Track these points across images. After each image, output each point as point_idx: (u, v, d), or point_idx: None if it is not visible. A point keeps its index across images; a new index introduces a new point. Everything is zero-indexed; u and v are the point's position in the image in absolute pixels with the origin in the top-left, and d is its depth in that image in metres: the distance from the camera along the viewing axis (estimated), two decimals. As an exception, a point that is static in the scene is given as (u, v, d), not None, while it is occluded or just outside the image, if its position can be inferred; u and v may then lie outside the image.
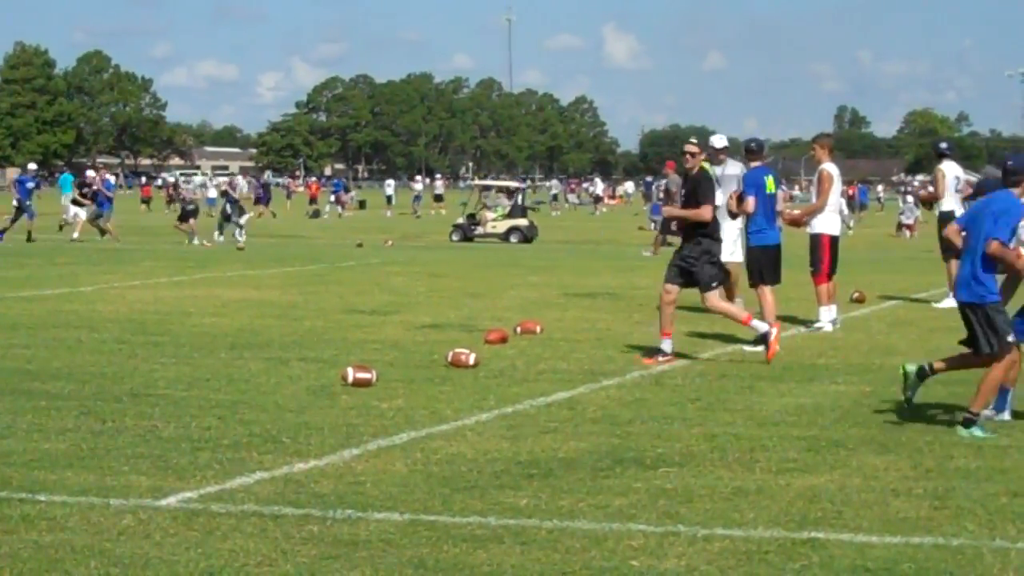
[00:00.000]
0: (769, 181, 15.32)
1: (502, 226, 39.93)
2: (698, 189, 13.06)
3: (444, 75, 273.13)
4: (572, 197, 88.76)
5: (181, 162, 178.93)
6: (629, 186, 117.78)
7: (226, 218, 36.88)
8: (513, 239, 38.91)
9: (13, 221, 35.87)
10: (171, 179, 75.61)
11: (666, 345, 13.02)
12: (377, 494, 7.54)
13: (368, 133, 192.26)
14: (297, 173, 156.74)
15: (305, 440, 9.01)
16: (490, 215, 40.76)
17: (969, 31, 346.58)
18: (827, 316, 16.12)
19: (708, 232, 13.08)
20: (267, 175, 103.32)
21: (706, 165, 13.36)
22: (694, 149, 13.37)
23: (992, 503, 7.46)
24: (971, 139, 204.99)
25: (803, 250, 16.82)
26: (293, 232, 43.72)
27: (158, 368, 12.14)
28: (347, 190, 73.74)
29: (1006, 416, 10.01)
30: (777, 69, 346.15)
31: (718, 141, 16.75)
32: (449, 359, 12.47)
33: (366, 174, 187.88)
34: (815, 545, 6.58)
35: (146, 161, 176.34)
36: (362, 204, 76.20)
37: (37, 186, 37.03)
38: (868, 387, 11.57)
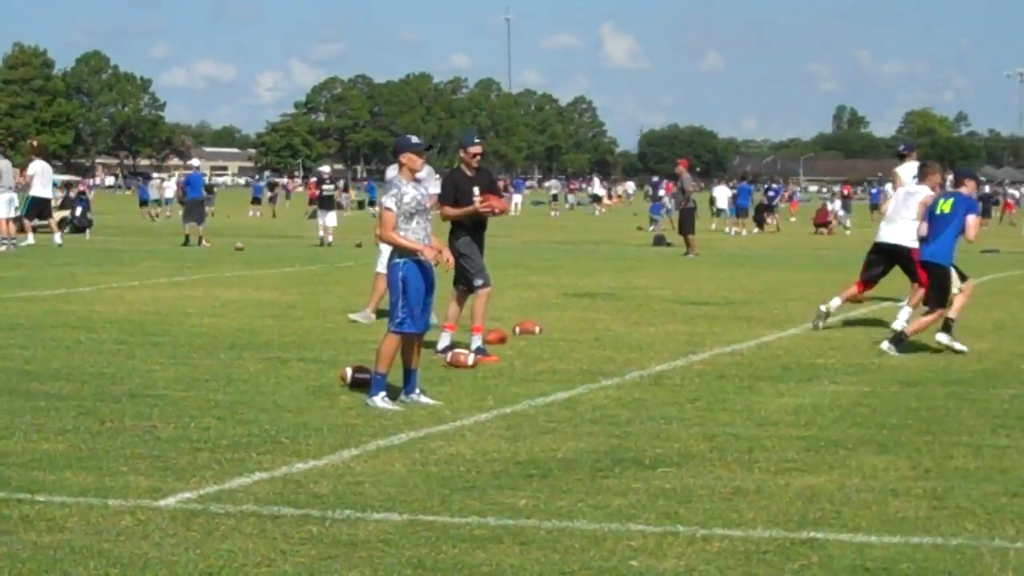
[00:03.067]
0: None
1: (56, 216, 41.03)
2: None
3: (443, 75, 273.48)
4: (571, 197, 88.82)
5: (180, 162, 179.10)
6: (630, 186, 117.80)
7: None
8: (65, 229, 40.50)
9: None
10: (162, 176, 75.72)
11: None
12: (376, 494, 7.54)
13: (367, 133, 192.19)
14: (296, 173, 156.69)
15: (304, 440, 9.01)
16: None
17: (967, 31, 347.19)
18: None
19: None
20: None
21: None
22: None
23: (991, 503, 7.46)
24: (970, 139, 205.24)
25: (792, 252, 16.79)
26: (292, 232, 43.70)
27: (157, 368, 12.13)
28: (347, 189, 73.71)
29: None
30: (776, 69, 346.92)
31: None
32: (448, 359, 12.47)
33: (365, 174, 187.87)
34: (814, 545, 6.58)
35: (145, 161, 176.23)
36: (361, 204, 76.17)
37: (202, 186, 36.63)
38: (867, 387, 11.58)
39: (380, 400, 10.26)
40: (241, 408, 10.17)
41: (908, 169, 19.80)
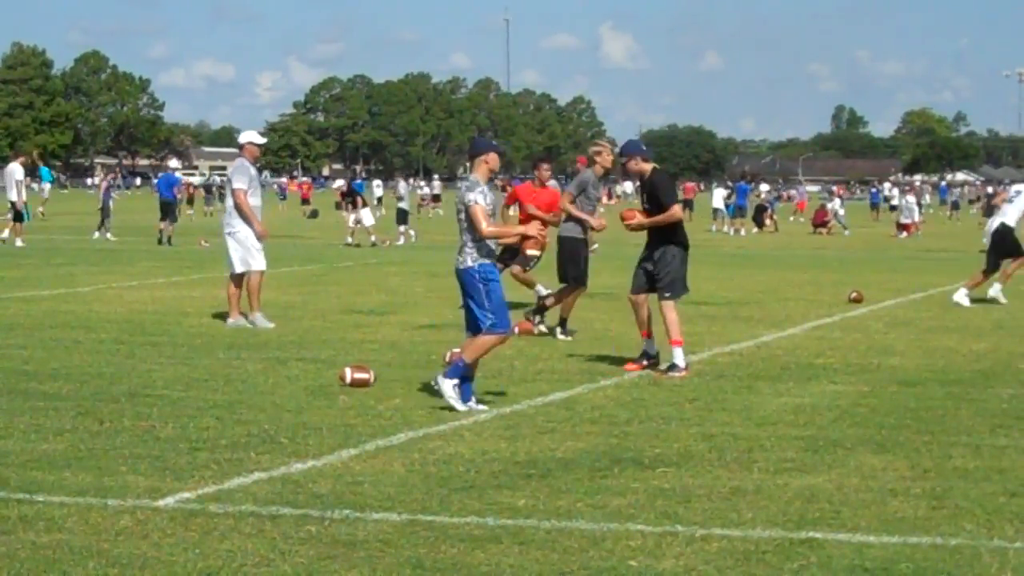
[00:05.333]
0: None
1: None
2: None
3: (442, 75, 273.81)
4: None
5: (179, 163, 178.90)
6: (627, 186, 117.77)
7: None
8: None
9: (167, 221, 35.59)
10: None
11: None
12: (375, 494, 7.54)
13: (366, 133, 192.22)
14: (295, 174, 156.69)
15: (303, 440, 9.01)
16: None
17: (966, 31, 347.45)
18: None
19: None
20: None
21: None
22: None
23: (990, 503, 7.46)
24: (968, 139, 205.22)
25: (791, 252, 16.79)
26: (290, 232, 43.70)
27: (156, 368, 12.13)
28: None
29: None
30: (775, 69, 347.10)
31: (242, 137, 16.43)
32: (447, 359, 12.45)
33: (364, 174, 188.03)
34: (813, 545, 6.58)
35: (144, 161, 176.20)
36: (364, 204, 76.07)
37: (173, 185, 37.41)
38: (866, 387, 11.58)
39: (451, 386, 10.22)
40: (240, 408, 10.17)
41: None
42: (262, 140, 16.42)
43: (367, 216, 36.76)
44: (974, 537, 6.76)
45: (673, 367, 12.17)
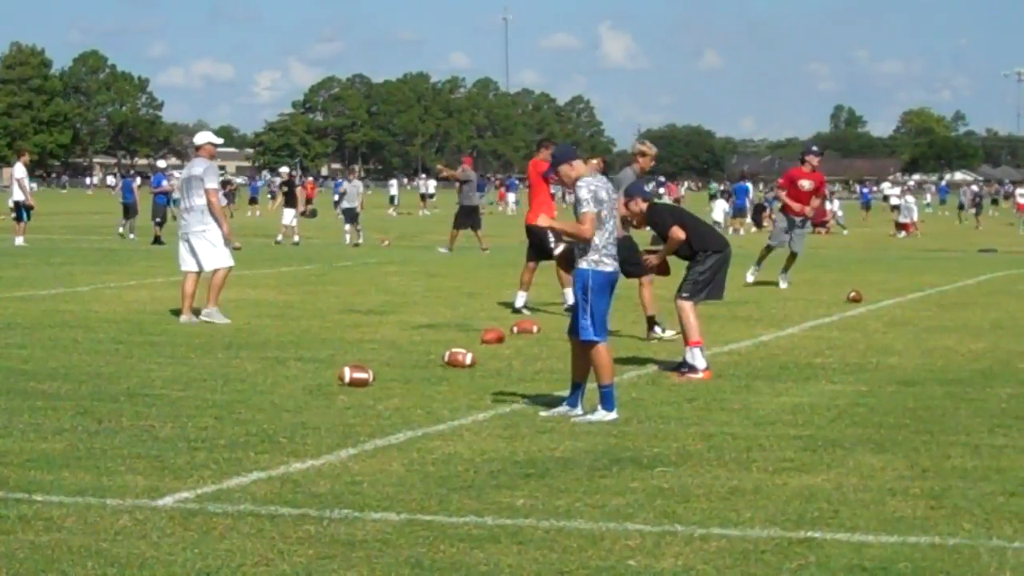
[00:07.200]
0: None
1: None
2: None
3: (441, 75, 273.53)
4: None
5: (177, 162, 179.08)
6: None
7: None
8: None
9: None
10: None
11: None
12: (374, 494, 7.54)
13: (365, 133, 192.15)
14: (294, 173, 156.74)
15: (302, 440, 9.01)
16: None
17: (965, 30, 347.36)
18: None
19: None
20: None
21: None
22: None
23: (989, 502, 7.46)
24: (967, 138, 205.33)
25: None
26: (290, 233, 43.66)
27: (155, 368, 12.13)
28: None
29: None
30: (773, 68, 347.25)
31: (200, 138, 16.47)
32: (446, 359, 12.47)
33: (363, 174, 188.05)
34: (812, 544, 6.59)
35: (142, 161, 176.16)
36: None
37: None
38: (864, 386, 11.58)
39: (604, 415, 9.88)
40: (239, 408, 10.17)
41: None
42: (219, 140, 16.69)
43: (288, 215, 36.79)
44: (973, 536, 6.77)
45: (690, 368, 12.09)
